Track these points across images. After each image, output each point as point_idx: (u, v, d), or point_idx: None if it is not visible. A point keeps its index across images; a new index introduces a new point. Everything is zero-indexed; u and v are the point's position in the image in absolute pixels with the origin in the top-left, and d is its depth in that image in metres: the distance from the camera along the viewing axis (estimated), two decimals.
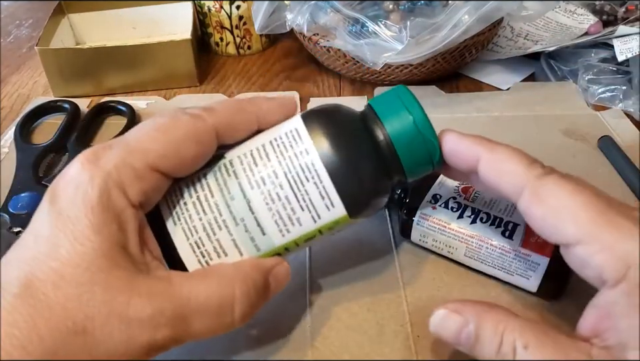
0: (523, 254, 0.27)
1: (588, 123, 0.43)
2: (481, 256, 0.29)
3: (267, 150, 0.23)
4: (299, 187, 0.23)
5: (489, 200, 0.29)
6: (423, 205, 0.30)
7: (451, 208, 0.30)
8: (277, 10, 0.48)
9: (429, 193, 0.30)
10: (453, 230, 0.29)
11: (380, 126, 0.24)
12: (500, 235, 0.28)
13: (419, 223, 0.30)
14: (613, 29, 0.46)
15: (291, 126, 0.24)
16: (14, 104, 0.50)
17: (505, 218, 0.28)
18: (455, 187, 0.31)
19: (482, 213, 0.29)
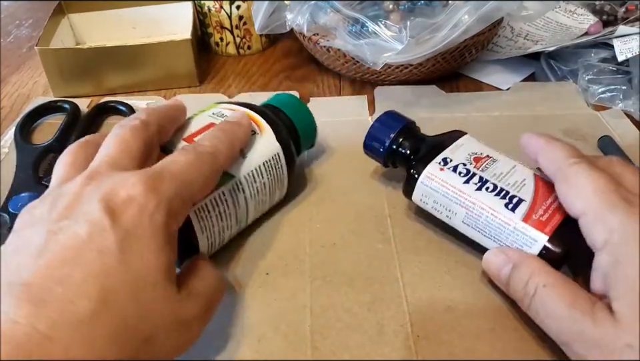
0: (522, 229, 0.27)
1: (588, 123, 0.43)
2: (479, 225, 0.29)
3: (261, 170, 0.31)
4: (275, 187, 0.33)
5: (499, 173, 0.29)
6: (431, 165, 0.30)
7: (459, 172, 0.29)
8: (277, 10, 0.48)
9: (440, 155, 0.31)
10: (456, 194, 0.29)
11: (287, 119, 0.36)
12: (503, 206, 0.28)
13: (423, 182, 0.30)
14: (613, 29, 0.46)
15: (274, 150, 0.32)
16: (14, 104, 0.50)
17: (511, 191, 0.28)
18: (468, 155, 0.31)
19: (489, 183, 0.29)
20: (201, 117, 0.32)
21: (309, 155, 0.41)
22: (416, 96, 0.47)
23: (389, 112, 0.34)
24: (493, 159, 0.30)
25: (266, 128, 0.32)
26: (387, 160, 0.34)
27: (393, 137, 0.33)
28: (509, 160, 0.31)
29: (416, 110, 0.45)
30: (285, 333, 0.28)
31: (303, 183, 0.38)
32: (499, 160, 0.30)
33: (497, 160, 0.30)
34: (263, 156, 0.31)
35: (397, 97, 0.47)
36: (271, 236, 0.33)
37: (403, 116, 0.34)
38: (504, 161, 0.30)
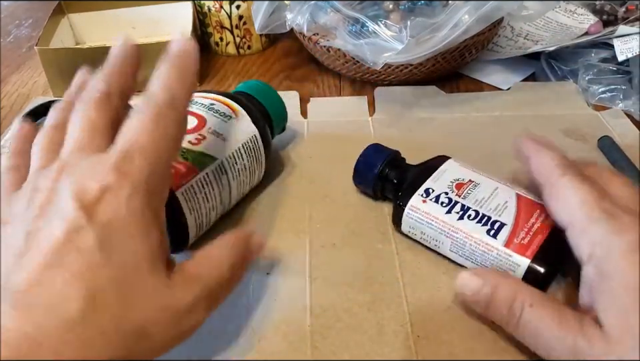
0: (504, 254, 0.28)
1: (588, 123, 0.43)
2: (465, 253, 0.29)
3: (241, 152, 0.33)
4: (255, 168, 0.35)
5: (480, 198, 0.30)
6: (414, 198, 0.31)
7: (441, 202, 0.30)
8: (277, 10, 0.48)
9: (422, 186, 0.31)
10: (440, 225, 0.30)
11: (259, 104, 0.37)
12: (485, 233, 0.28)
13: (409, 215, 0.31)
14: (613, 29, 0.46)
15: (251, 132, 0.34)
16: (14, 104, 0.50)
17: (493, 216, 0.29)
18: (450, 182, 0.31)
19: (471, 210, 0.29)
20: None
21: (309, 155, 0.41)
22: (416, 97, 0.47)
23: (373, 146, 0.35)
24: (475, 183, 0.31)
25: (241, 112, 0.34)
26: (376, 191, 0.34)
27: (379, 169, 0.33)
28: (492, 182, 0.31)
29: (416, 110, 0.45)
30: (285, 333, 0.28)
31: (303, 183, 0.38)
32: (480, 183, 0.31)
33: (478, 184, 0.31)
34: (242, 139, 0.33)
35: (397, 97, 0.47)
36: (271, 236, 0.33)
37: (387, 148, 0.35)
38: (486, 184, 0.31)
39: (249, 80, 0.40)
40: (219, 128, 0.32)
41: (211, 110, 0.34)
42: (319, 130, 0.43)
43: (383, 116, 0.45)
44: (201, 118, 0.33)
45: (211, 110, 0.34)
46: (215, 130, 0.32)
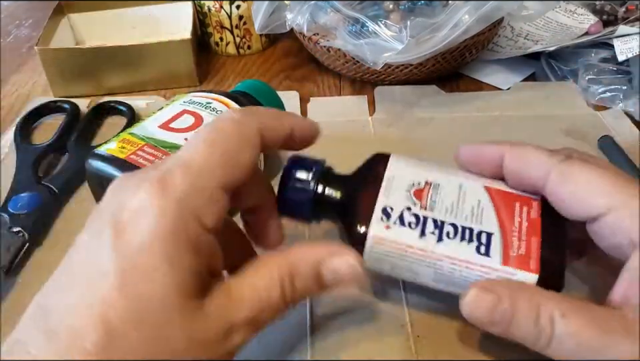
0: (506, 274, 0.23)
1: (588, 123, 0.43)
2: (455, 281, 0.24)
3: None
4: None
5: (449, 204, 0.25)
6: (374, 226, 0.24)
7: (408, 224, 0.24)
8: (277, 10, 0.48)
9: (377, 205, 0.24)
10: (415, 254, 0.24)
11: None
12: (475, 253, 0.23)
13: (373, 249, 0.24)
14: (613, 29, 0.46)
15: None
16: (14, 104, 0.50)
17: (474, 227, 0.24)
18: (406, 192, 0.25)
19: (447, 225, 0.24)
20: (173, 106, 0.35)
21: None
22: (416, 96, 0.47)
23: (294, 159, 0.27)
24: (434, 185, 0.25)
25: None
26: (312, 215, 0.27)
27: (313, 187, 0.26)
28: (450, 177, 0.26)
29: (416, 110, 0.45)
30: (285, 333, 0.27)
31: None
32: (440, 183, 0.25)
33: (439, 185, 0.25)
34: None
35: (397, 97, 0.47)
36: None
37: (313, 159, 0.27)
38: (446, 183, 0.25)
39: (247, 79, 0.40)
40: None
41: (207, 108, 0.34)
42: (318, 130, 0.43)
43: (383, 116, 0.45)
44: (198, 116, 0.33)
45: (207, 109, 0.34)
46: None
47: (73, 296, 0.19)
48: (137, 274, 0.19)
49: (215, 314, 0.20)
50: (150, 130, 0.32)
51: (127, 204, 0.20)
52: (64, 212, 0.36)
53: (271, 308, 0.21)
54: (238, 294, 0.21)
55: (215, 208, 0.20)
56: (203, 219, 0.20)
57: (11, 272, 0.31)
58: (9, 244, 0.32)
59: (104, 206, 0.21)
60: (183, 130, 0.32)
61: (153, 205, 0.19)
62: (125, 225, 0.19)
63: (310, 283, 0.22)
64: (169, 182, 0.20)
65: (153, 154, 0.30)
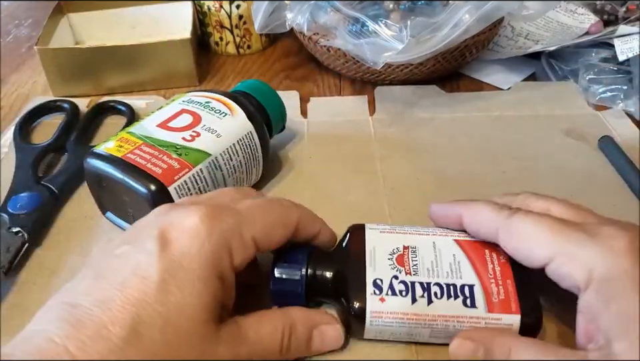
0: (493, 320, 0.25)
1: (588, 123, 0.43)
2: (449, 334, 0.25)
3: (236, 148, 0.33)
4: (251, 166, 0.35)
5: (429, 264, 0.26)
6: (370, 300, 0.25)
7: (399, 292, 0.25)
8: (277, 10, 0.48)
9: (368, 282, 0.26)
10: (412, 319, 0.25)
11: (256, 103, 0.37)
12: (462, 307, 0.25)
13: (372, 323, 0.25)
14: (614, 29, 0.46)
15: (246, 129, 0.34)
16: (13, 103, 0.50)
17: (456, 282, 0.26)
18: (389, 261, 0.27)
19: (432, 286, 0.26)
20: (172, 105, 0.35)
21: (308, 155, 0.41)
22: (416, 96, 0.47)
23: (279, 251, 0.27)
24: (411, 248, 0.27)
25: (237, 110, 0.34)
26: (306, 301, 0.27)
27: (304, 270, 0.27)
28: (422, 237, 0.28)
29: (416, 110, 0.45)
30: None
31: (303, 183, 0.38)
32: (416, 245, 0.27)
33: (415, 248, 0.27)
34: (237, 136, 0.33)
35: (397, 97, 0.47)
36: None
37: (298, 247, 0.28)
38: (421, 243, 0.27)
39: (248, 79, 0.40)
40: (213, 125, 0.33)
41: (206, 107, 0.34)
42: (318, 130, 0.43)
43: (383, 116, 0.45)
44: (196, 115, 0.33)
45: (206, 108, 0.34)
46: (209, 126, 0.33)
47: (106, 294, 0.20)
48: (175, 285, 0.21)
49: (226, 342, 0.22)
50: (148, 129, 0.32)
51: (177, 223, 0.23)
52: (63, 212, 0.36)
53: (267, 356, 0.24)
54: (244, 333, 0.23)
55: (245, 253, 0.24)
56: (234, 257, 0.23)
57: (10, 272, 0.31)
58: (9, 244, 0.32)
59: (149, 223, 0.24)
60: (181, 130, 0.32)
61: (202, 230, 0.22)
62: (172, 240, 0.22)
63: (302, 343, 0.25)
64: (219, 217, 0.23)
65: (150, 153, 0.30)
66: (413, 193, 0.36)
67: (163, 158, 0.30)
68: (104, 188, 0.32)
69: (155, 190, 0.29)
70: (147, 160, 0.30)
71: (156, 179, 0.29)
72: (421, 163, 0.39)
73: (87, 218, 0.35)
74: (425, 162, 0.39)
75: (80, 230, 0.35)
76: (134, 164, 0.30)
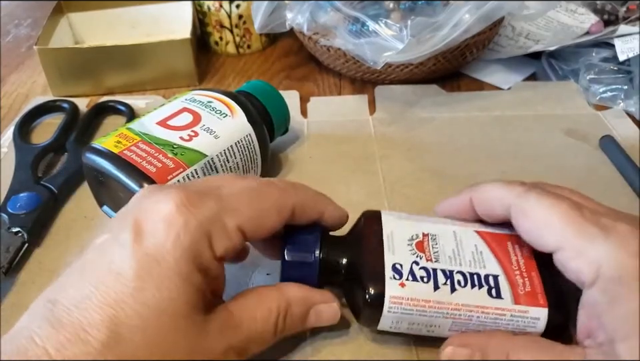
0: (519, 312, 0.23)
1: (589, 123, 0.43)
2: (471, 326, 0.24)
3: (233, 150, 0.33)
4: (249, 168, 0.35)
5: (450, 251, 0.25)
6: (390, 285, 0.24)
7: (420, 278, 0.24)
8: (277, 10, 0.48)
9: (386, 265, 0.24)
10: (434, 308, 0.24)
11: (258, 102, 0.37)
12: (487, 297, 0.24)
13: (391, 309, 0.24)
14: (614, 29, 0.46)
15: (245, 131, 0.34)
16: (13, 103, 0.49)
17: (480, 270, 0.24)
18: (408, 245, 0.25)
19: (455, 274, 0.24)
20: (174, 103, 0.35)
21: (308, 155, 0.40)
22: (417, 96, 0.47)
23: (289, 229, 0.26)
24: (431, 236, 0.26)
25: (237, 110, 0.34)
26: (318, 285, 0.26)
27: (315, 258, 0.25)
28: (442, 226, 0.26)
29: (417, 109, 0.45)
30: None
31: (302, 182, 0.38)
32: (437, 233, 0.26)
33: (436, 236, 0.26)
34: (235, 137, 0.33)
35: (397, 96, 0.47)
36: None
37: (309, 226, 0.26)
38: (441, 232, 0.26)
39: (254, 80, 0.40)
40: (212, 126, 0.33)
41: (207, 107, 0.34)
42: (319, 130, 0.43)
43: (384, 115, 0.45)
44: (196, 114, 0.33)
45: (207, 108, 0.34)
46: (208, 127, 0.32)
47: (83, 291, 0.19)
48: (151, 282, 0.20)
49: (216, 332, 0.21)
50: (147, 127, 0.32)
51: (152, 212, 0.21)
52: (63, 211, 0.36)
53: (262, 339, 0.23)
54: (237, 320, 0.22)
55: (229, 242, 0.22)
56: (215, 248, 0.21)
57: (10, 272, 0.31)
58: (8, 244, 0.32)
59: (128, 210, 0.22)
60: (180, 128, 0.32)
61: (178, 219, 0.20)
62: (146, 231, 0.20)
63: (297, 322, 0.24)
64: (198, 205, 0.21)
65: (146, 150, 0.30)
66: (413, 193, 0.36)
67: (158, 156, 0.30)
68: (101, 183, 0.32)
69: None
70: (143, 158, 0.30)
71: (149, 178, 0.29)
72: (421, 163, 0.39)
73: (87, 218, 0.35)
74: (425, 162, 0.39)
75: (80, 230, 0.35)
76: (129, 161, 0.30)
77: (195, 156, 0.31)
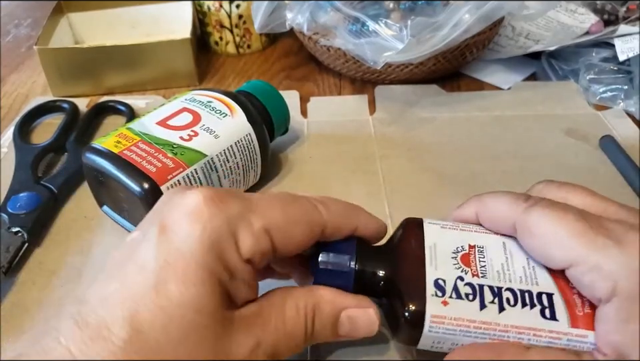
0: (577, 336, 0.21)
1: (589, 123, 0.43)
2: None
3: (233, 150, 0.33)
4: (249, 168, 0.35)
5: (499, 266, 0.23)
6: (431, 303, 0.22)
7: (465, 296, 0.22)
8: (277, 9, 0.48)
9: (428, 279, 0.22)
10: (479, 329, 0.21)
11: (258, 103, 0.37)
12: (540, 318, 0.21)
13: (432, 329, 0.22)
14: (614, 29, 0.46)
15: (245, 130, 0.34)
16: (13, 103, 0.49)
17: (532, 289, 0.22)
18: (452, 259, 0.23)
19: (504, 291, 0.22)
20: (174, 103, 0.35)
21: (308, 155, 0.40)
22: (417, 96, 0.47)
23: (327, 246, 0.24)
24: (478, 248, 0.23)
25: (237, 110, 0.34)
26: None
27: (351, 268, 0.23)
28: (492, 236, 0.24)
29: (417, 109, 0.45)
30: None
31: (303, 183, 0.38)
32: (484, 245, 0.24)
33: (483, 248, 0.24)
34: (235, 137, 0.33)
35: (397, 96, 0.47)
36: None
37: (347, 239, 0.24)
38: (490, 243, 0.24)
39: (254, 80, 0.40)
40: (212, 126, 0.33)
41: (207, 107, 0.34)
42: (319, 130, 0.43)
43: (384, 115, 0.45)
44: (196, 114, 0.33)
45: (207, 108, 0.34)
46: (208, 127, 0.33)
47: (108, 288, 0.19)
48: (175, 275, 0.19)
49: (244, 329, 0.20)
50: (147, 126, 0.32)
51: (179, 206, 0.20)
52: (63, 211, 0.36)
53: (292, 341, 0.21)
54: (266, 316, 0.21)
55: (255, 243, 0.21)
56: (241, 248, 0.20)
57: (10, 272, 0.31)
58: (8, 244, 0.32)
59: (157, 207, 0.22)
60: (179, 128, 0.32)
61: (205, 212, 0.20)
62: (172, 224, 0.20)
63: (327, 326, 0.22)
64: (226, 200, 0.20)
65: (146, 150, 0.30)
66: (414, 193, 0.36)
67: (158, 156, 0.30)
68: (101, 183, 0.32)
69: (147, 189, 0.29)
70: (143, 158, 0.30)
71: (149, 177, 0.29)
72: (421, 163, 0.39)
73: (87, 218, 0.35)
74: (425, 162, 0.39)
75: (80, 230, 0.35)
76: (129, 161, 0.30)
77: (194, 156, 0.31)
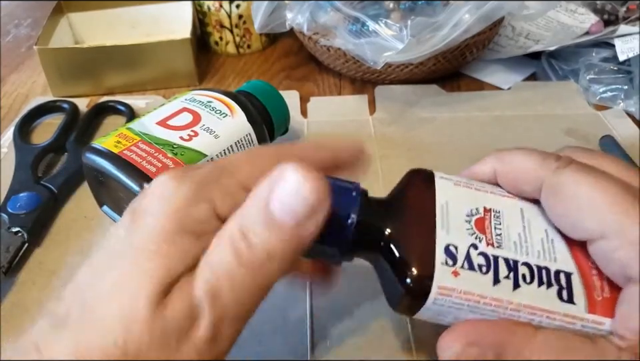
0: (592, 323, 0.19)
1: (589, 123, 0.43)
2: None
3: (233, 150, 0.33)
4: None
5: (516, 236, 0.20)
6: (439, 271, 0.19)
7: (478, 267, 0.19)
8: (277, 9, 0.48)
9: (438, 243, 0.20)
10: (490, 305, 0.19)
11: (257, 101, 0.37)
12: (557, 300, 0.19)
13: (437, 302, 0.19)
14: (614, 29, 0.46)
15: (245, 130, 0.34)
16: (13, 103, 0.50)
17: (550, 265, 0.20)
18: (466, 223, 0.20)
19: (520, 266, 0.19)
20: (174, 103, 0.35)
21: None
22: (417, 96, 0.47)
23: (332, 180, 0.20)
24: (494, 213, 0.21)
25: (237, 110, 0.34)
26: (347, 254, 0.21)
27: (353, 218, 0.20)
28: (509, 200, 0.22)
29: (417, 109, 0.45)
30: (285, 333, 0.27)
31: None
32: (501, 210, 0.21)
33: (500, 213, 0.21)
34: (235, 137, 0.33)
35: (397, 96, 0.47)
36: None
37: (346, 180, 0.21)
38: (507, 207, 0.21)
39: (254, 80, 0.40)
40: (212, 126, 0.33)
41: (207, 107, 0.34)
42: (319, 130, 0.43)
43: (384, 115, 0.45)
44: (196, 114, 0.33)
45: (207, 107, 0.34)
46: (208, 127, 0.33)
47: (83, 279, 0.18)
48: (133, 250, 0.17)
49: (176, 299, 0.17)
50: (147, 126, 0.32)
51: (147, 189, 0.19)
52: (63, 211, 0.36)
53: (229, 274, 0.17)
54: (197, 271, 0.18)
55: (231, 200, 0.19)
56: (217, 206, 0.18)
57: (10, 272, 0.31)
58: (8, 244, 0.32)
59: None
60: (179, 128, 0.32)
61: (169, 185, 0.18)
62: (141, 209, 0.18)
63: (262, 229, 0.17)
64: (190, 172, 0.19)
65: (146, 150, 0.30)
66: None
67: (158, 156, 0.30)
68: (101, 183, 0.32)
69: None
70: (143, 158, 0.30)
71: (149, 177, 0.29)
72: (421, 163, 0.39)
73: (87, 218, 0.35)
74: (425, 162, 0.39)
75: (80, 230, 0.35)
76: (129, 161, 0.30)
77: (194, 156, 0.31)
